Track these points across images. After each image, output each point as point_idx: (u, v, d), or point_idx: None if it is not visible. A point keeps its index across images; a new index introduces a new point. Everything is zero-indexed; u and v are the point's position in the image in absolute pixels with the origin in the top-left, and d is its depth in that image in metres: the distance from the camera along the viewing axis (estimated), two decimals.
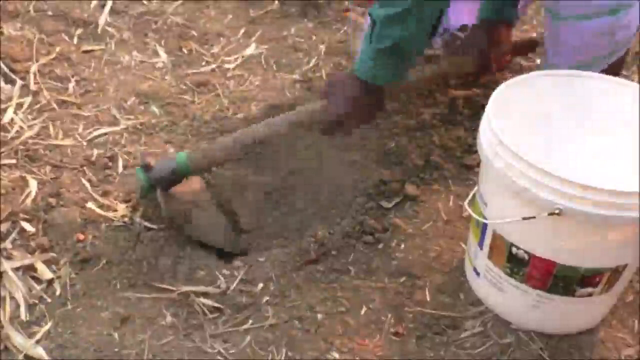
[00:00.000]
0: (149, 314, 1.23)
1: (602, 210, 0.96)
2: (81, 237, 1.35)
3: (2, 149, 1.52)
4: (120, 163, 1.53)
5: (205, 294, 1.26)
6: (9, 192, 1.42)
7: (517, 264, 1.12)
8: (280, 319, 1.22)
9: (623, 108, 1.13)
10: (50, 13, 1.97)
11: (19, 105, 1.66)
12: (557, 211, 0.98)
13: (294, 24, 2.01)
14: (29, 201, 1.41)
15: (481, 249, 1.18)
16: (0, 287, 1.26)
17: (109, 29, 1.95)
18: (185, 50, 1.89)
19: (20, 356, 1.16)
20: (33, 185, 1.45)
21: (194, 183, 1.44)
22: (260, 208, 1.49)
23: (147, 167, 1.35)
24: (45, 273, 1.29)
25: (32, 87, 1.71)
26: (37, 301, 1.25)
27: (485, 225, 1.15)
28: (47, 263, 1.31)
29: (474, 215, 1.17)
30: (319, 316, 1.23)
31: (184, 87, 1.77)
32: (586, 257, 1.06)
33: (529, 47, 1.83)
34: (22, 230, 1.36)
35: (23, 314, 1.22)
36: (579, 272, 1.07)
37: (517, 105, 1.12)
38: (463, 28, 1.77)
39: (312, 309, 1.24)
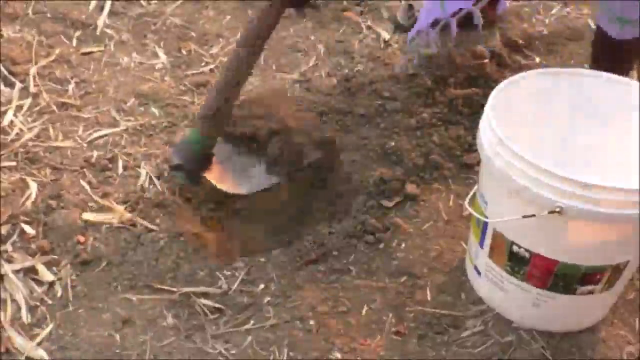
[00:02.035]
0: (150, 315, 1.23)
1: (602, 208, 0.96)
2: (81, 239, 1.34)
3: (2, 152, 1.52)
4: (120, 164, 1.53)
5: (206, 295, 1.26)
6: (9, 195, 1.42)
7: (517, 262, 1.12)
8: (282, 319, 1.22)
9: (623, 106, 1.13)
10: (49, 15, 1.97)
11: (19, 108, 1.66)
12: (557, 209, 0.98)
13: (293, 24, 2.01)
14: (29, 203, 1.41)
15: (482, 248, 1.18)
16: (1, 289, 1.26)
17: (108, 30, 1.95)
18: (184, 51, 1.89)
19: (22, 358, 1.16)
20: (33, 187, 1.44)
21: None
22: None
23: (178, 167, 1.38)
24: (46, 275, 1.29)
25: (32, 89, 1.71)
26: (38, 303, 1.25)
27: (485, 224, 1.14)
28: (48, 265, 1.31)
29: (474, 214, 1.17)
30: (320, 316, 1.23)
31: (184, 88, 1.77)
32: (587, 255, 1.06)
33: None
34: (23, 232, 1.36)
35: (24, 316, 1.23)
36: (580, 270, 1.07)
37: (517, 104, 1.12)
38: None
39: (313, 309, 1.24)
